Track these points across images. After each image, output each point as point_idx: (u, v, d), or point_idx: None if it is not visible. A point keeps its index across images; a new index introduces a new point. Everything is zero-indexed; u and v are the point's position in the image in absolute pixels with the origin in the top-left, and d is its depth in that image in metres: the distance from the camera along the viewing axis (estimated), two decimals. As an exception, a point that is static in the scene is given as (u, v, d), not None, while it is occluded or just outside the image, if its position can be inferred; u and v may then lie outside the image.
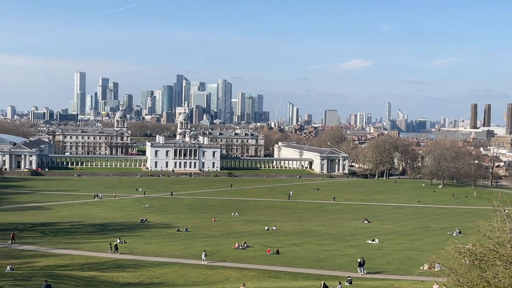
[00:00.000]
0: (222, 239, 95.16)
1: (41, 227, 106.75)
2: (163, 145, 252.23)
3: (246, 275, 65.84)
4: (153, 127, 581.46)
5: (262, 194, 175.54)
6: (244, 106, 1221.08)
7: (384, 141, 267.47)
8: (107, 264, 73.51)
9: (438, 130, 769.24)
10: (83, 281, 59.86)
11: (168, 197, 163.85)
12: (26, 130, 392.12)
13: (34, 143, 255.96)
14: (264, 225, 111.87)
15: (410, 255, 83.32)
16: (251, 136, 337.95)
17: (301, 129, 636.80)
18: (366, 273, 67.73)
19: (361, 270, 67.84)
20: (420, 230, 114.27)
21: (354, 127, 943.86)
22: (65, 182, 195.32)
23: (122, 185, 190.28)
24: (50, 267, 68.44)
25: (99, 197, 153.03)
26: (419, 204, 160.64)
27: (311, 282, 59.26)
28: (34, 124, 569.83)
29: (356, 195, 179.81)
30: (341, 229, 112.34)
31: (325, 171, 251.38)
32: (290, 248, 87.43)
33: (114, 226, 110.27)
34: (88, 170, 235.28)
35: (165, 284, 60.39)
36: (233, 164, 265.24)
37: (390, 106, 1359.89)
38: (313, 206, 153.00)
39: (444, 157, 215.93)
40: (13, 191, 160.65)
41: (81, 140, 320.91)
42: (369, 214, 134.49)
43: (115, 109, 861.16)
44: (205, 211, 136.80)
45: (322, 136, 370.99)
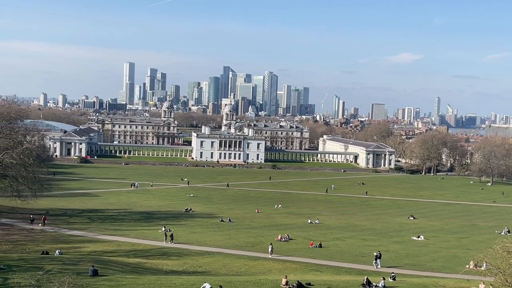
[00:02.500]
0: (265, 231, 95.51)
1: (89, 213, 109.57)
2: (209, 136, 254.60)
3: (288, 267, 65.94)
4: (199, 118, 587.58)
5: (305, 187, 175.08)
6: (289, 99, 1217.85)
7: (432, 137, 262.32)
8: (152, 252, 74.89)
9: (488, 127, 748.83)
10: (129, 267, 61.18)
11: (212, 187, 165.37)
12: (76, 119, 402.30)
13: (84, 131, 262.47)
14: (307, 218, 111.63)
15: (456, 253, 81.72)
16: (296, 128, 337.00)
17: (347, 123, 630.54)
18: (381, 266, 67.43)
19: (377, 263, 67.96)
20: (467, 228, 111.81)
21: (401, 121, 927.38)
22: (113, 170, 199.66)
23: (168, 174, 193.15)
24: (97, 253, 70.23)
25: (135, 186, 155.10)
26: (467, 202, 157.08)
27: (353, 277, 58.86)
28: (84, 112, 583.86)
29: (402, 191, 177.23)
30: (385, 225, 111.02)
31: (370, 166, 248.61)
32: (333, 242, 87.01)
33: (160, 214, 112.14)
34: (135, 159, 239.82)
35: (208, 273, 61.08)
36: (277, 156, 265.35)
37: (439, 101, 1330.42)
38: (357, 200, 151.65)
39: (494, 154, 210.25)
40: (63, 178, 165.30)
41: (129, 129, 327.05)
42: (415, 210, 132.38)
43: (163, 100, 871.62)
44: (248, 202, 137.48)
45: (368, 130, 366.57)
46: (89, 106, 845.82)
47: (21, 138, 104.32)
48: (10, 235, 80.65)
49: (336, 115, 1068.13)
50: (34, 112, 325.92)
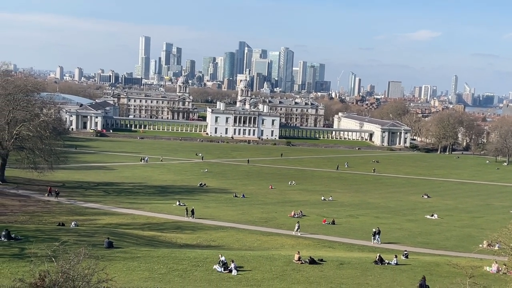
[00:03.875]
0: (278, 207, 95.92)
1: (104, 186, 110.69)
2: (223, 112, 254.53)
3: (301, 243, 66.31)
4: (214, 93, 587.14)
5: (319, 164, 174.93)
6: (305, 75, 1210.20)
7: (449, 115, 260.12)
8: (166, 225, 75.69)
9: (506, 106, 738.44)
10: (143, 240, 61.93)
11: (225, 163, 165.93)
12: (92, 92, 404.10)
13: (99, 105, 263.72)
14: (320, 195, 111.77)
15: (470, 232, 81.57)
16: (311, 105, 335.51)
17: (362, 100, 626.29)
18: (380, 242, 67.85)
19: (376, 239, 68.87)
20: (481, 207, 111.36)
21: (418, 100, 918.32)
22: (128, 144, 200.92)
23: (182, 149, 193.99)
24: (112, 225, 71.11)
25: (145, 160, 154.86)
26: (482, 181, 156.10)
27: (366, 254, 59.08)
28: (100, 86, 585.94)
29: (417, 169, 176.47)
30: (399, 203, 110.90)
31: (385, 144, 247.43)
32: (346, 219, 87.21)
33: (174, 189, 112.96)
34: (150, 133, 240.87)
35: (221, 248, 61.62)
36: (292, 133, 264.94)
37: (457, 79, 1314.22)
38: (371, 178, 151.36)
39: (511, 134, 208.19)
40: (79, 151, 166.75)
41: (144, 104, 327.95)
42: (429, 189, 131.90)
43: (178, 75, 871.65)
44: (262, 178, 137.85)
45: (384, 108, 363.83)
46: (105, 80, 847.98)
47: (38, 111, 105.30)
48: (26, 206, 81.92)
49: (352, 92, 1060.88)
50: (50, 85, 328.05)
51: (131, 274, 42.37)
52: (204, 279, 42.41)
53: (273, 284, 41.81)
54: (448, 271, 46.87)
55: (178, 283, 40.10)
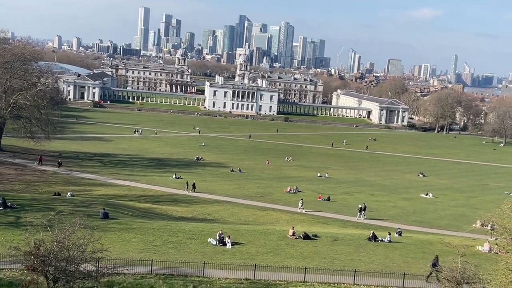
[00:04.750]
0: (274, 182, 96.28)
1: (101, 157, 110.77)
2: (222, 86, 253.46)
3: (296, 218, 66.79)
4: (213, 67, 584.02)
5: (317, 141, 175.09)
6: (305, 51, 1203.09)
7: (447, 95, 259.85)
8: (162, 198, 76.05)
9: (505, 87, 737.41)
10: (139, 212, 62.28)
11: (223, 137, 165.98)
12: (90, 63, 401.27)
13: (97, 76, 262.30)
14: (317, 171, 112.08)
15: (464, 212, 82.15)
16: (310, 82, 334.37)
17: (361, 78, 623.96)
18: (365, 218, 68.88)
19: (361, 215, 69.61)
20: (476, 187, 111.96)
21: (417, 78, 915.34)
22: (125, 115, 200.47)
23: (180, 122, 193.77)
24: (108, 196, 71.39)
25: (139, 132, 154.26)
26: (478, 162, 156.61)
27: (360, 231, 59.54)
28: (98, 57, 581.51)
29: (414, 148, 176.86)
30: (394, 181, 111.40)
31: (383, 122, 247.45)
32: (341, 196, 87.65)
33: (171, 161, 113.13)
34: (148, 105, 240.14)
35: (216, 221, 62.04)
36: (290, 109, 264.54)
37: (457, 58, 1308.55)
38: (368, 156, 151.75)
39: (508, 115, 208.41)
40: (76, 121, 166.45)
41: (143, 76, 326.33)
42: (425, 168, 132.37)
43: (177, 47, 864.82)
44: (259, 153, 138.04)
45: (383, 86, 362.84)
46: (103, 51, 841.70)
47: (35, 80, 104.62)
48: (23, 175, 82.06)
49: (352, 69, 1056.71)
50: (48, 54, 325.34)
51: (126, 245, 42.68)
52: (198, 252, 42.76)
53: (267, 258, 42.18)
54: (441, 250, 47.29)
55: (173, 255, 40.42)
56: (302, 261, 41.76)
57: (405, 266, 42.82)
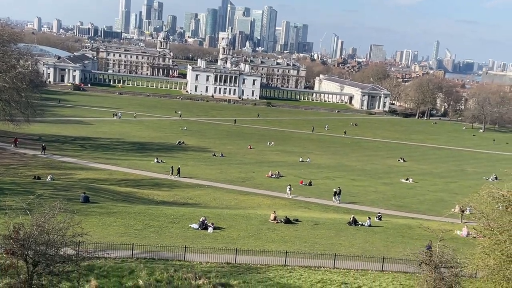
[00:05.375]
0: (256, 167, 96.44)
1: (81, 141, 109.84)
2: (204, 70, 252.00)
3: (277, 203, 67.09)
4: (195, 50, 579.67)
5: (299, 126, 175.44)
6: (288, 35, 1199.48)
7: (428, 81, 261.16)
8: (143, 182, 75.83)
9: (485, 73, 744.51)
10: (120, 196, 62.04)
11: (205, 122, 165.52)
12: (70, 45, 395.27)
13: (78, 58, 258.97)
14: (298, 156, 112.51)
15: (443, 197, 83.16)
16: (293, 66, 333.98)
17: (344, 63, 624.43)
18: (340, 202, 69.84)
19: (336, 199, 70.47)
20: (455, 173, 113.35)
21: (399, 64, 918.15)
22: (106, 99, 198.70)
23: (162, 106, 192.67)
24: (89, 180, 70.96)
25: (118, 116, 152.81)
26: (457, 147, 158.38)
27: (340, 215, 60.06)
28: (79, 39, 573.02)
29: (394, 134, 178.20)
30: (375, 166, 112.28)
31: (364, 108, 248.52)
32: (323, 181, 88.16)
33: (152, 145, 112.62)
34: (129, 89, 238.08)
35: (198, 205, 62.10)
36: (273, 94, 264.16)
37: (438, 45, 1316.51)
38: (349, 141, 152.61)
39: (488, 101, 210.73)
40: (56, 104, 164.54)
41: (124, 59, 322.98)
42: (406, 153, 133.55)
43: (159, 30, 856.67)
44: (241, 138, 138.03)
45: (365, 72, 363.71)
46: (83, 33, 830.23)
47: (14, 62, 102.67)
48: (2, 159, 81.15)
49: (334, 54, 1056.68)
50: (28, 36, 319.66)
51: (107, 229, 42.56)
52: (180, 236, 42.81)
53: (248, 242, 42.40)
54: (420, 234, 47.97)
55: (154, 239, 40.42)
56: (283, 245, 42.05)
57: (384, 250, 43.38)
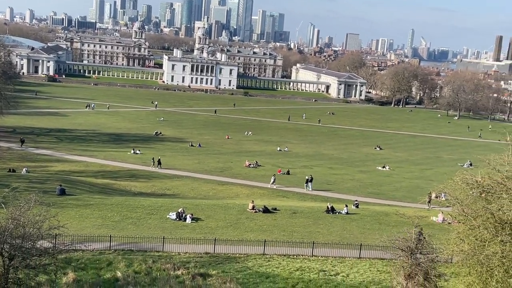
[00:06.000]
0: (234, 157, 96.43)
1: (57, 132, 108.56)
2: (180, 60, 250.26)
3: (256, 192, 67.23)
4: (171, 40, 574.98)
5: (276, 115, 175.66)
6: (264, 25, 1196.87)
7: (404, 69, 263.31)
8: (120, 173, 75.29)
9: (459, 61, 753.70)
10: (97, 188, 61.57)
11: (182, 112, 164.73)
12: (44, 36, 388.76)
13: (52, 49, 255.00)
14: (276, 145, 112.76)
15: (419, 184, 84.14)
16: (270, 56, 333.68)
17: (320, 52, 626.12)
18: (312, 189, 70.40)
19: (308, 186, 70.88)
20: (431, 160, 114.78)
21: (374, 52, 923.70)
22: (81, 90, 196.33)
23: (138, 97, 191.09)
24: (65, 172, 70.23)
25: (91, 107, 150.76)
26: (433, 134, 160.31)
27: (318, 204, 60.45)
28: (52, 29, 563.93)
29: (371, 122, 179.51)
30: (352, 155, 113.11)
31: (341, 96, 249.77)
32: (300, 170, 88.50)
33: (129, 137, 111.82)
34: (104, 79, 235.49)
35: (176, 196, 61.93)
36: (250, 83, 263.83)
37: (413, 33, 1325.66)
38: (326, 130, 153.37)
39: (463, 89, 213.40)
40: (30, 96, 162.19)
41: (99, 49, 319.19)
42: (382, 141, 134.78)
43: (134, 20, 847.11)
44: (219, 128, 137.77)
45: (342, 60, 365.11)
46: (57, 23, 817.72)
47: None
48: (-25, 152, 79.81)
49: (311, 43, 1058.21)
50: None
51: (84, 221, 42.26)
52: (158, 227, 42.71)
53: (226, 232, 42.48)
54: (396, 221, 48.55)
55: (132, 231, 40.26)
56: (262, 234, 42.24)
57: (361, 237, 43.86)
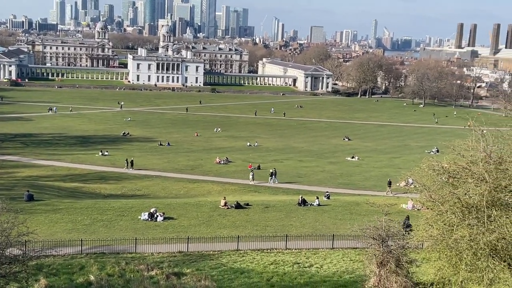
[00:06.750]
0: (204, 154, 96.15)
1: (22, 137, 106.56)
2: (145, 58, 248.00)
3: (227, 189, 67.23)
4: (135, 39, 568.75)
5: (245, 111, 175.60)
6: (228, 20, 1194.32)
7: (369, 60, 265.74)
8: (89, 176, 74.37)
9: (423, 50, 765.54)
10: (66, 192, 60.73)
11: (150, 111, 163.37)
12: (4, 39, 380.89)
13: (13, 53, 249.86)
14: (246, 141, 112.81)
15: (388, 172, 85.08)
16: (235, 51, 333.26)
17: (286, 46, 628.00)
18: (277, 182, 71.09)
19: (272, 180, 71.59)
20: (399, 148, 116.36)
21: (339, 44, 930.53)
22: (45, 93, 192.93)
23: (104, 98, 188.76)
24: (32, 178, 69.02)
25: (53, 110, 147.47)
26: (399, 123, 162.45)
27: (290, 197, 60.76)
28: (13, 33, 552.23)
29: (338, 113, 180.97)
30: (321, 146, 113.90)
31: (308, 89, 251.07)
32: (271, 164, 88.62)
33: (96, 138, 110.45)
34: (68, 82, 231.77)
35: (147, 196, 61.50)
36: (217, 79, 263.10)
37: (376, 23, 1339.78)
38: (295, 123, 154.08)
39: (427, 77, 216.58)
40: (2, 102, 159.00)
41: (61, 51, 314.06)
42: (350, 132, 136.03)
43: (96, 20, 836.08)
44: (187, 126, 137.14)
45: (307, 53, 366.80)
46: (17, 26, 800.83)
47: None
48: None
49: (276, 37, 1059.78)
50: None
51: (53, 226, 41.66)
52: (130, 228, 42.37)
53: (199, 230, 42.40)
54: (367, 210, 49.09)
55: (103, 233, 39.85)
56: (235, 230, 42.28)
57: (334, 228, 44.29)
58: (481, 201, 21.31)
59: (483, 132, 24.04)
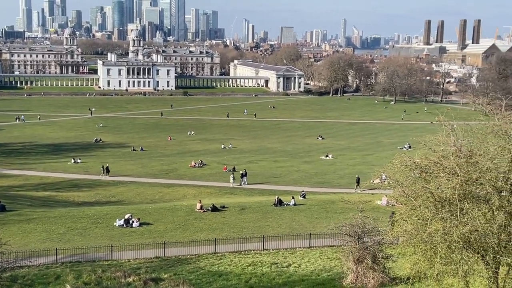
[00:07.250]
0: (178, 158, 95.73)
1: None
2: (115, 64, 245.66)
3: (203, 192, 67.04)
4: (104, 44, 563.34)
5: (218, 113, 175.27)
6: (198, 23, 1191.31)
7: (339, 59, 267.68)
8: (62, 184, 73.41)
9: (392, 47, 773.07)
10: (39, 201, 59.82)
11: (122, 117, 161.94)
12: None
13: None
14: (220, 143, 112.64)
15: (362, 170, 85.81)
16: (206, 54, 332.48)
17: (257, 47, 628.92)
18: (247, 184, 71.68)
19: (243, 181, 72.06)
20: (371, 145, 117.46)
21: (310, 44, 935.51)
22: (14, 102, 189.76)
23: (74, 105, 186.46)
24: (4, 188, 67.82)
25: (21, 119, 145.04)
26: (371, 121, 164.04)
27: (266, 197, 60.86)
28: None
29: (311, 113, 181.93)
30: (296, 146, 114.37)
31: (281, 89, 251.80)
32: (246, 166, 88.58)
33: (68, 146, 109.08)
34: (38, 89, 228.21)
35: (122, 203, 60.94)
36: (188, 83, 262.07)
37: (346, 22, 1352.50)
38: (269, 124, 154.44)
39: (396, 74, 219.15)
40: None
41: (29, 59, 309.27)
42: (323, 131, 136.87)
43: (64, 26, 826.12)
44: (160, 130, 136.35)
45: (278, 54, 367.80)
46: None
47: None
48: None
49: (246, 39, 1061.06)
50: None
51: (27, 236, 41.01)
52: (105, 235, 41.94)
53: (176, 235, 42.18)
54: (342, 207, 49.40)
55: (78, 242, 39.36)
56: (212, 233, 42.18)
57: (310, 227, 44.51)
58: (453, 195, 21.62)
59: (453, 126, 24.41)
